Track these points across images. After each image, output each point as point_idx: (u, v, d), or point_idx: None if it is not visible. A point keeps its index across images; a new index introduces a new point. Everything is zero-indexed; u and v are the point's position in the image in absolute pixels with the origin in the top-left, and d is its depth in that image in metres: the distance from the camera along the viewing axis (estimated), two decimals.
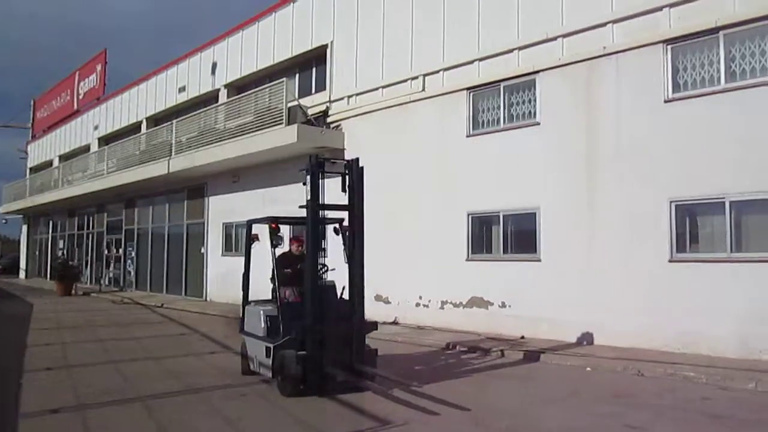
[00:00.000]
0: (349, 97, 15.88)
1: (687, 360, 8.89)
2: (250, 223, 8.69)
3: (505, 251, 12.30)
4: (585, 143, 11.11)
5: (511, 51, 12.36)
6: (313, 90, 17.45)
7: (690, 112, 9.94)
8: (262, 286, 8.49)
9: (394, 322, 13.63)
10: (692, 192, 9.81)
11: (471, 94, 13.10)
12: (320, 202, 7.43)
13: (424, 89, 13.96)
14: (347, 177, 7.57)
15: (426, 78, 13.94)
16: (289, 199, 16.79)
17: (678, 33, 10.19)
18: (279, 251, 8.09)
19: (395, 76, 14.61)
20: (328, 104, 16.42)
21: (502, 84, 12.52)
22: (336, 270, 7.96)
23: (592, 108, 11.06)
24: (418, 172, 13.80)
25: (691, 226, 10.02)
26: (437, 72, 13.72)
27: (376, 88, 15.09)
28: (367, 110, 15.21)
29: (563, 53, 11.55)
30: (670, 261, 9.91)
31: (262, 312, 7.89)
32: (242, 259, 8.77)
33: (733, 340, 9.07)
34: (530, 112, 12.14)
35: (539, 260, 11.57)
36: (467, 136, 13.08)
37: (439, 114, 13.61)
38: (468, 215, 12.83)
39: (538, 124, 11.87)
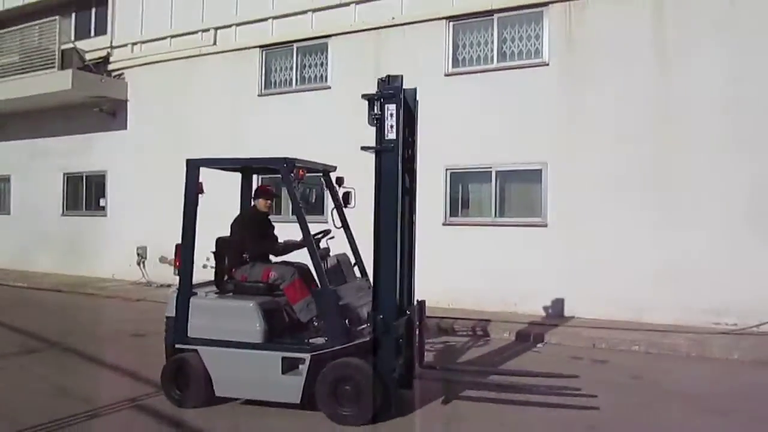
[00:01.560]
0: (134, 44, 14.70)
1: (454, 314, 9.71)
2: (195, 165, 5.62)
3: None
4: None
5: (305, 12, 12.30)
6: (93, 33, 15.83)
7: (466, 87, 10.72)
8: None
9: None
10: (466, 161, 10.64)
11: (264, 52, 12.83)
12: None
13: (215, 43, 13.39)
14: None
15: (218, 31, 13.37)
16: (61, 151, 15.47)
17: (459, 11, 10.89)
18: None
19: (185, 26, 13.79)
20: (109, 50, 15.03)
21: (296, 45, 12.44)
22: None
23: (380, 75, 11.38)
24: (207, 131, 13.25)
25: (464, 193, 10.91)
26: (230, 26, 13.22)
27: (164, 38, 14.14)
28: (154, 60, 14.21)
29: (355, 19, 11.76)
30: (443, 224, 10.70)
31: (254, 306, 5.30)
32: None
33: (494, 294, 10.11)
34: (322, 75, 12.23)
35: None
36: (259, 95, 12.83)
37: (231, 70, 13.16)
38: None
39: (329, 88, 12.00)
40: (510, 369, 6.68)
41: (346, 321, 5.17)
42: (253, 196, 6.18)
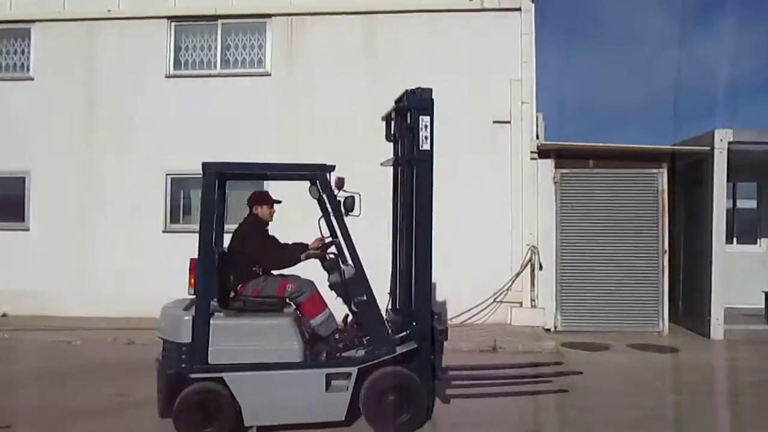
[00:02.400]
0: None
1: None
2: (213, 171, 5.06)
3: None
4: (83, 109, 10.58)
5: None
6: None
7: (189, 91, 10.47)
8: None
9: None
10: (188, 166, 10.35)
11: None
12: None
13: None
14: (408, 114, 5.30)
15: None
16: None
17: (182, 12, 10.60)
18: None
19: None
20: None
21: None
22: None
23: (92, 72, 10.61)
24: None
25: (185, 199, 10.62)
26: None
27: None
28: None
29: (65, 7, 10.73)
30: (164, 231, 10.30)
31: (290, 323, 4.88)
32: None
33: None
34: (23, 64, 10.92)
35: (27, 229, 10.58)
36: None
37: None
38: None
39: (32, 79, 10.77)
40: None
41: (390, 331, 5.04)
42: (252, 203, 5.42)
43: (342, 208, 4.98)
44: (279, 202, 5.44)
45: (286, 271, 5.32)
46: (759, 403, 6.11)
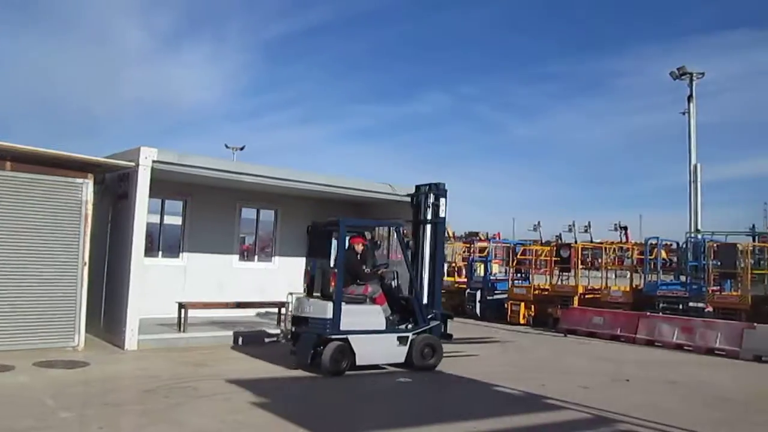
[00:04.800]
0: None
1: None
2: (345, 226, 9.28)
3: None
4: None
5: None
6: None
7: None
8: None
9: None
10: None
11: None
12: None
13: None
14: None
15: None
16: None
17: None
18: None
19: None
20: None
21: None
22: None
23: None
24: None
25: None
26: None
27: None
28: None
29: None
30: None
31: (382, 309, 9.13)
32: None
33: None
34: None
35: None
36: None
37: None
38: None
39: None
40: None
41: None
42: (350, 242, 9.34)
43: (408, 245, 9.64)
44: (366, 241, 9.56)
45: None
46: (143, 410, 6.44)
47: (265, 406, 6.68)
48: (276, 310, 11.78)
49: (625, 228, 27.74)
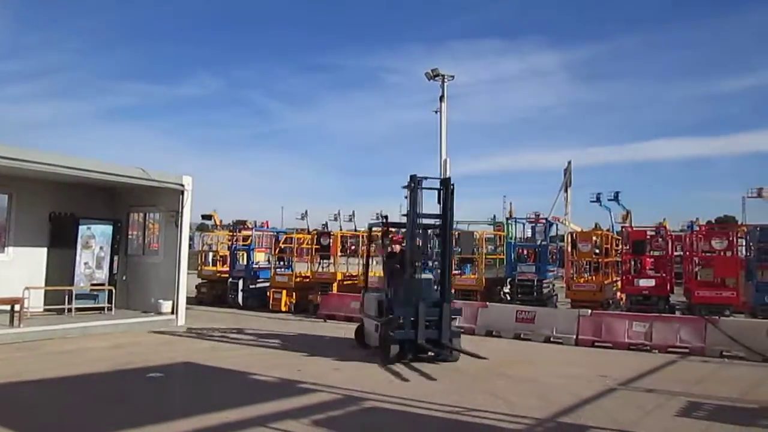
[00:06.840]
0: None
1: None
2: (370, 227, 12.92)
3: None
4: None
5: None
6: None
7: None
8: None
9: None
10: None
11: None
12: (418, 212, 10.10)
13: None
14: (441, 192, 10.01)
15: None
16: None
17: None
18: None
19: None
20: None
21: None
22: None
23: None
24: None
25: None
26: None
27: None
28: None
29: None
30: None
31: (374, 297, 10.41)
32: None
33: None
34: None
35: None
36: None
37: None
38: None
39: None
40: None
41: None
42: (391, 245, 11.29)
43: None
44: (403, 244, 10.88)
45: None
46: None
47: None
48: (9, 307, 10.49)
49: (386, 217, 29.57)
